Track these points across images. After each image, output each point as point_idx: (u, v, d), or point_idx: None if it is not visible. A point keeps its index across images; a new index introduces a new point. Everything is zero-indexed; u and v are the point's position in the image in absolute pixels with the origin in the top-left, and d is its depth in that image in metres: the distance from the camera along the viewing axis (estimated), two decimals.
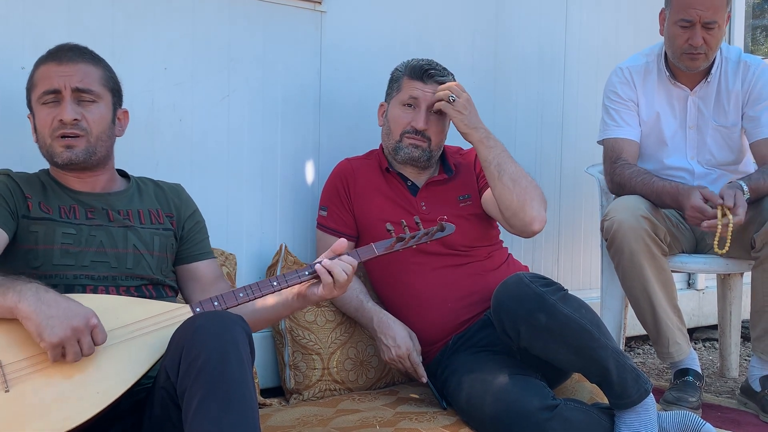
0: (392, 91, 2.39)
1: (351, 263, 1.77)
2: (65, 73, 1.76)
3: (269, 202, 2.55)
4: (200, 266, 1.93)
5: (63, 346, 1.46)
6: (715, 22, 2.50)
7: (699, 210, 2.35)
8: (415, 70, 2.35)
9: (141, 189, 1.93)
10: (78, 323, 1.46)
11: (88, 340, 1.48)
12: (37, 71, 1.81)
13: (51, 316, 1.45)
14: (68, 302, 1.49)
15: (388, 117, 2.39)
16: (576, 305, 2.03)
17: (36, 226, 1.74)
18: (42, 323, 1.45)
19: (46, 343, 1.45)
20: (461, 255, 2.35)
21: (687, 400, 2.45)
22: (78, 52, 1.81)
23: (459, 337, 2.30)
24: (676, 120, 2.70)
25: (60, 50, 1.81)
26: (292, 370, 2.39)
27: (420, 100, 2.33)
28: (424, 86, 2.33)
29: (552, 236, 3.35)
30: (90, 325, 1.48)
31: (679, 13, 2.52)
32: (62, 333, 1.45)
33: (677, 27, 2.54)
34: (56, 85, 1.75)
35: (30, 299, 1.46)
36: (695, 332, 3.86)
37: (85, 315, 1.48)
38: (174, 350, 1.49)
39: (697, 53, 2.54)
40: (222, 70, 2.44)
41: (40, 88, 1.77)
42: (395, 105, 2.37)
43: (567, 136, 3.35)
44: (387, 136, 2.40)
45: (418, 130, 2.32)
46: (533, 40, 3.23)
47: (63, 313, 1.46)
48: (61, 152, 1.76)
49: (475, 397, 2.06)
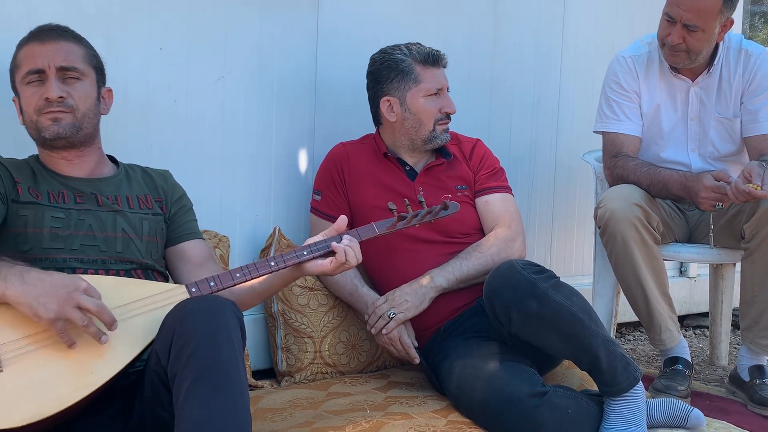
0: (406, 83, 2.35)
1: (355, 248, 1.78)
2: (48, 52, 1.77)
3: (263, 184, 2.55)
4: (187, 246, 1.93)
5: (63, 318, 1.47)
6: (697, 26, 2.45)
7: (715, 189, 2.35)
8: (428, 58, 2.36)
9: (129, 175, 1.93)
10: (67, 291, 1.47)
11: (86, 298, 1.48)
12: (20, 52, 1.82)
13: (40, 294, 1.46)
14: (52, 276, 1.50)
15: (414, 110, 2.36)
16: (568, 293, 2.04)
17: (25, 209, 1.75)
18: (34, 304, 1.46)
19: (45, 321, 1.47)
20: (457, 243, 2.36)
21: (676, 388, 2.46)
22: (60, 31, 1.82)
23: (451, 323, 2.31)
24: (677, 112, 2.68)
25: (42, 30, 1.82)
26: (284, 353, 2.40)
27: (444, 86, 2.38)
28: (439, 70, 2.39)
29: (546, 223, 3.36)
30: (80, 289, 1.49)
31: (667, 6, 2.51)
32: (56, 306, 1.46)
33: (663, 18, 2.53)
34: (40, 65, 1.76)
35: (15, 284, 1.48)
36: (686, 319, 3.88)
37: (72, 281, 1.50)
38: (165, 334, 1.50)
39: (676, 50, 2.52)
40: (217, 52, 2.42)
41: (24, 68, 1.78)
42: (417, 97, 2.35)
43: (563, 122, 3.34)
44: (414, 129, 2.37)
45: (450, 114, 2.40)
46: (531, 26, 3.22)
47: (50, 288, 1.47)
48: (48, 125, 1.77)
49: (466, 382, 2.08)
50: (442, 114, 2.38)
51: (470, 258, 2.30)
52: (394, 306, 2.26)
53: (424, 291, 2.26)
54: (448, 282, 2.27)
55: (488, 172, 2.46)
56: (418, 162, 2.44)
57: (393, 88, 2.37)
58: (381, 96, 2.39)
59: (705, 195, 2.38)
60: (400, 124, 2.39)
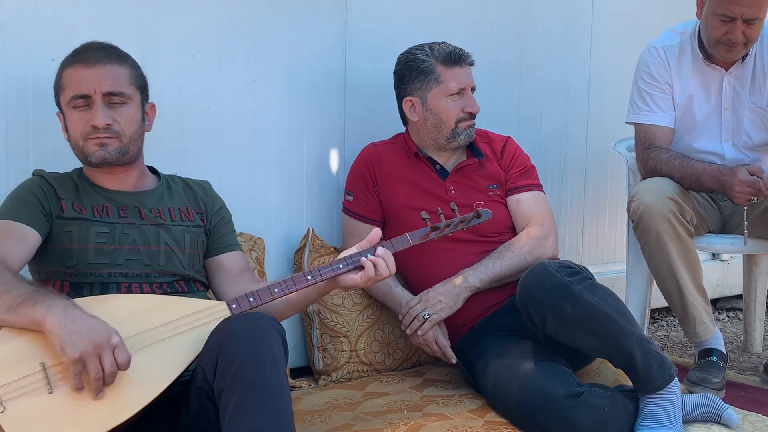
0: (427, 83, 2.36)
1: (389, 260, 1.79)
2: (94, 76, 1.76)
3: (296, 185, 2.58)
4: (226, 258, 1.96)
5: (83, 361, 1.47)
6: (756, 18, 2.43)
7: (750, 183, 2.35)
8: (450, 57, 2.35)
9: (171, 187, 1.96)
10: (100, 340, 1.47)
11: (110, 357, 1.48)
12: (65, 73, 1.80)
13: (74, 332, 1.46)
14: (93, 320, 1.50)
15: (434, 110, 2.36)
16: (602, 294, 2.04)
17: (70, 225, 1.78)
18: (65, 338, 1.46)
19: (68, 358, 1.47)
20: (490, 241, 2.37)
21: (711, 380, 2.46)
22: (104, 53, 1.80)
23: (485, 320, 2.33)
24: (710, 102, 2.65)
25: (86, 51, 1.80)
26: (320, 352, 2.44)
27: (467, 86, 2.36)
28: (462, 69, 2.37)
29: (577, 211, 3.36)
30: (111, 344, 1.49)
31: (721, 7, 2.45)
32: (83, 348, 1.46)
33: (716, 19, 2.47)
34: (86, 90, 1.76)
35: (57, 314, 1.48)
36: (719, 302, 3.87)
37: (108, 333, 1.49)
38: (210, 352, 1.54)
39: (735, 45, 2.49)
40: (248, 56, 2.44)
41: (69, 92, 1.78)
42: (439, 97, 2.35)
43: (593, 110, 3.32)
44: (436, 128, 2.38)
45: (474, 114, 2.38)
46: (560, 13, 3.19)
47: (87, 330, 1.47)
48: (95, 151, 1.79)
49: (501, 382, 2.10)
50: (465, 114, 2.37)
51: (503, 257, 2.32)
52: (428, 307, 2.28)
53: (458, 291, 2.28)
54: (482, 282, 2.29)
55: (519, 171, 2.46)
56: (448, 161, 2.45)
57: (415, 89, 2.38)
58: (404, 96, 2.41)
59: (740, 189, 2.37)
60: (422, 124, 2.40)
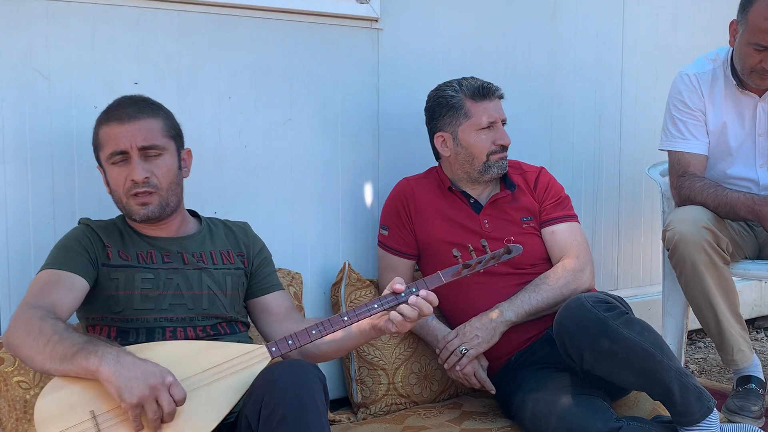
0: (456, 118, 2.38)
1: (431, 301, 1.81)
2: (129, 132, 1.82)
3: (331, 220, 2.62)
4: (269, 299, 2.02)
5: (142, 405, 1.53)
6: None
7: None
8: (478, 92, 2.38)
9: (212, 230, 2.02)
10: (155, 382, 1.53)
11: (167, 396, 1.54)
12: (101, 131, 1.87)
13: (130, 378, 1.52)
14: (146, 364, 1.56)
15: (465, 145, 2.39)
16: (639, 328, 2.05)
17: (116, 273, 1.85)
18: (121, 385, 1.52)
19: (126, 404, 1.52)
20: (525, 273, 2.38)
21: (750, 408, 2.45)
22: (137, 108, 1.86)
23: (522, 353, 2.34)
24: (744, 129, 2.65)
25: (119, 107, 1.87)
26: (358, 385, 2.47)
27: (497, 119, 2.39)
28: (491, 103, 2.39)
29: (612, 236, 3.36)
30: (166, 383, 1.54)
31: (755, 36, 2.43)
32: (140, 393, 1.51)
33: (750, 48, 2.46)
34: (122, 147, 1.82)
35: (110, 362, 1.54)
36: (757, 321, 3.83)
37: (162, 374, 1.55)
38: (254, 400, 1.58)
39: None
40: (284, 95, 2.49)
41: (108, 149, 1.84)
42: (469, 132, 2.38)
43: (626, 134, 3.33)
44: (468, 162, 2.40)
45: (505, 146, 2.40)
46: (590, 41, 3.20)
47: (141, 375, 1.53)
48: (137, 210, 1.85)
49: (539, 416, 2.11)
50: (496, 146, 2.39)
51: (539, 291, 2.33)
52: (465, 342, 2.30)
53: (494, 325, 2.30)
54: (518, 316, 2.31)
55: (553, 202, 2.47)
56: (481, 194, 2.47)
57: (445, 124, 2.41)
58: (435, 132, 2.44)
59: None
60: (454, 158, 2.43)
